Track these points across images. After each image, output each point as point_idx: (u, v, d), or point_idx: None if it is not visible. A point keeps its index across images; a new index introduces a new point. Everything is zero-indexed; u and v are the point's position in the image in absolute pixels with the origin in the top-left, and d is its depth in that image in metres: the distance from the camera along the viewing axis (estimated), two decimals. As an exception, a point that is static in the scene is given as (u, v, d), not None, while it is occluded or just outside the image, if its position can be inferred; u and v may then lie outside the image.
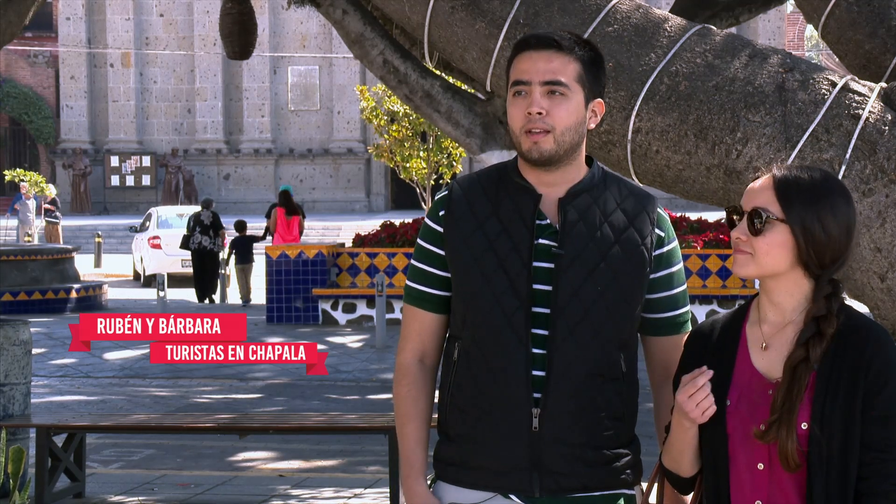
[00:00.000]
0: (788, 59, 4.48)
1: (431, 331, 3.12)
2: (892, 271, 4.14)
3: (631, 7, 4.69)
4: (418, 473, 3.09)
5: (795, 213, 2.75)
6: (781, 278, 2.80)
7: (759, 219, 2.77)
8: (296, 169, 45.27)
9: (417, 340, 3.13)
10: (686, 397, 2.71)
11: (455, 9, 4.86)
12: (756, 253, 2.78)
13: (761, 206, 2.78)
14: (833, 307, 2.77)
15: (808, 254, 2.76)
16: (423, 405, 3.12)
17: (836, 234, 2.76)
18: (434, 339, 3.13)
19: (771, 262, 2.78)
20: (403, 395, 3.13)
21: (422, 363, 3.13)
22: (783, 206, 2.76)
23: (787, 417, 2.70)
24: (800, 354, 2.74)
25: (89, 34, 45.67)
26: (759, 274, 2.80)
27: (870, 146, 4.20)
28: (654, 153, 4.51)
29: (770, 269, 2.79)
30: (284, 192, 23.20)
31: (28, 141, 48.89)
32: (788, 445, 2.70)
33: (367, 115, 27.06)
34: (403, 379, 3.13)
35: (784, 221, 2.76)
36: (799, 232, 2.75)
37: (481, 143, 6.65)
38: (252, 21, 8.11)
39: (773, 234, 2.77)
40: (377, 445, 9.50)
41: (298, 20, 44.49)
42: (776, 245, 2.77)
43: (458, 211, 3.06)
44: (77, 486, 8.14)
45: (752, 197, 2.81)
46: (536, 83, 2.98)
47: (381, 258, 18.16)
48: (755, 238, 2.78)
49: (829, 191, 2.78)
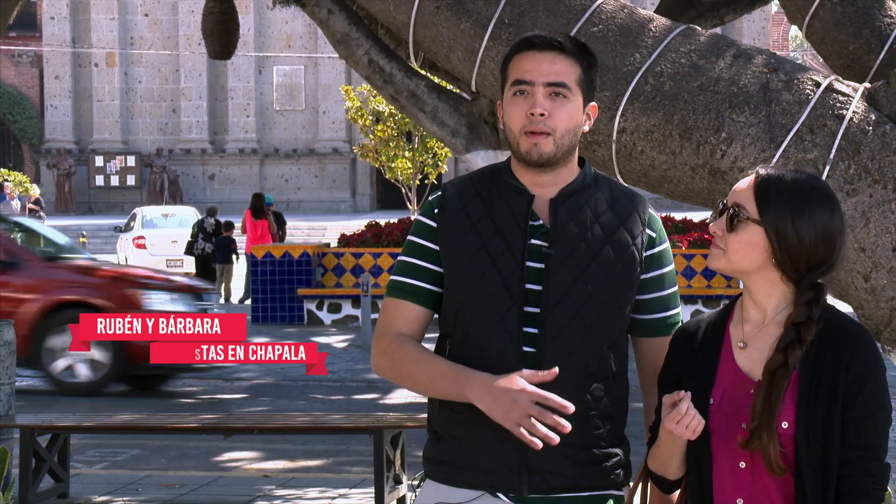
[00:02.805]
0: (773, 60, 4.49)
1: (416, 322, 3.07)
2: (876, 271, 4.15)
3: (616, 7, 4.69)
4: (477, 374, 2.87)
5: (769, 215, 2.76)
6: (756, 277, 2.81)
7: (735, 216, 2.79)
8: (281, 169, 45.24)
9: (404, 327, 3.05)
10: (673, 424, 2.73)
11: (440, 9, 4.86)
12: (727, 249, 2.80)
13: (739, 202, 2.80)
14: (814, 313, 2.76)
15: (781, 257, 2.77)
16: (428, 353, 3.01)
17: (809, 241, 2.75)
18: (419, 331, 3.07)
19: (739, 260, 2.80)
20: (404, 351, 3.00)
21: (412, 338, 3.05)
22: (759, 207, 2.78)
23: (766, 422, 2.72)
24: (778, 360, 2.75)
25: (73, 34, 45.57)
26: (729, 269, 2.83)
27: (854, 146, 4.21)
28: (639, 153, 4.51)
29: (739, 266, 2.81)
30: (256, 194, 23.34)
31: (12, 141, 48.76)
32: (772, 450, 2.71)
33: (352, 115, 27.07)
34: (398, 341, 3.02)
35: (757, 222, 2.77)
36: (772, 234, 2.76)
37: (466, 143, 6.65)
38: (234, 21, 8.10)
39: (745, 232, 2.78)
40: (362, 445, 9.48)
41: (283, 20, 44.45)
42: (746, 244, 2.78)
43: (451, 211, 3.06)
44: (61, 486, 8.12)
45: (735, 194, 2.84)
46: (540, 84, 2.98)
47: (367, 258, 18.16)
48: (729, 234, 2.80)
49: (809, 197, 2.77)
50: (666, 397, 2.77)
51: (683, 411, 2.71)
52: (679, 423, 2.72)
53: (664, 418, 2.76)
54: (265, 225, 22.40)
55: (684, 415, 2.71)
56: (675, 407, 2.73)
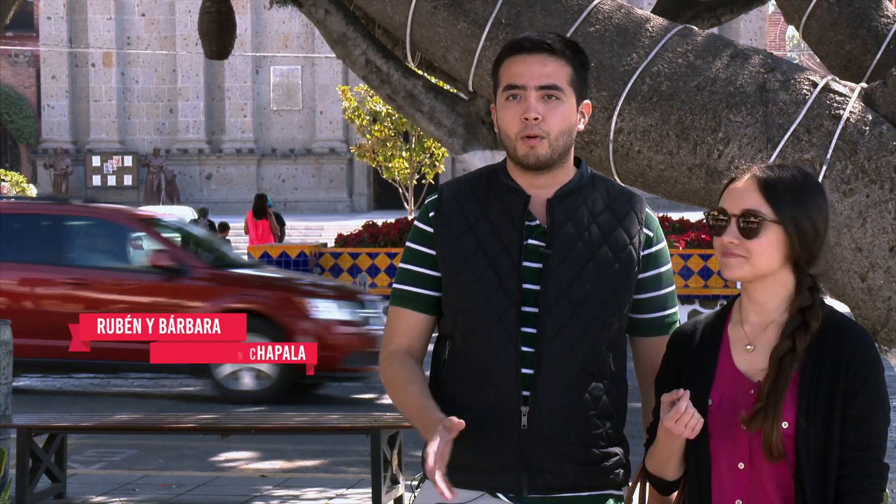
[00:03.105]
0: (770, 60, 4.49)
1: (419, 331, 3.10)
2: (873, 271, 4.15)
3: (613, 7, 4.69)
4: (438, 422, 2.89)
5: (786, 214, 2.80)
6: (769, 279, 2.84)
7: (752, 221, 2.80)
8: (278, 169, 45.21)
9: (404, 337, 3.10)
10: (672, 422, 2.73)
11: (437, 9, 4.86)
12: (751, 255, 2.81)
13: (751, 208, 2.80)
14: (816, 299, 2.82)
15: (799, 251, 2.81)
16: (418, 374, 3.04)
17: (822, 230, 2.84)
18: (421, 338, 3.11)
19: (765, 263, 2.82)
20: (395, 370, 3.06)
21: (409, 353, 3.09)
22: (773, 207, 2.80)
23: (772, 407, 2.73)
24: (787, 345, 2.78)
25: (70, 34, 45.52)
26: (751, 275, 2.84)
27: (850, 146, 4.22)
28: (636, 153, 4.51)
29: (763, 269, 2.82)
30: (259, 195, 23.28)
31: (9, 141, 48.72)
32: (773, 435, 2.72)
33: (349, 115, 27.08)
34: (392, 361, 3.07)
35: (776, 222, 2.80)
36: (793, 231, 2.80)
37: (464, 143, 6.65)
38: (231, 20, 8.08)
39: (767, 235, 2.80)
40: (360, 446, 9.48)
41: (280, 20, 44.42)
42: (770, 245, 2.81)
43: (448, 213, 3.06)
44: (58, 486, 8.11)
45: (737, 200, 2.83)
46: (532, 88, 2.98)
47: (364, 258, 18.15)
48: (749, 241, 2.81)
49: (810, 188, 2.85)
50: (664, 396, 2.78)
51: (682, 409, 2.72)
52: (678, 422, 2.73)
53: (663, 417, 2.77)
54: (266, 225, 22.39)
55: (683, 413, 2.72)
56: (675, 405, 2.74)
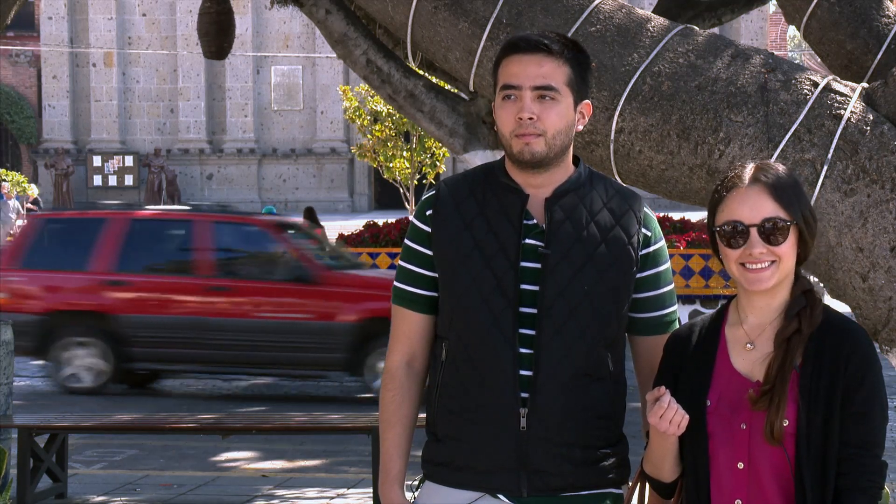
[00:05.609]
0: (771, 60, 4.49)
1: (420, 332, 3.12)
2: (874, 271, 4.15)
3: (614, 7, 4.69)
4: (394, 480, 3.10)
5: (796, 212, 2.84)
6: (786, 280, 2.88)
7: (779, 228, 2.82)
8: (279, 169, 45.21)
9: (406, 343, 3.13)
10: (657, 419, 2.74)
11: (438, 9, 4.85)
12: (782, 260, 2.84)
13: (771, 216, 2.82)
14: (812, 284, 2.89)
15: (810, 245, 2.87)
16: (406, 411, 3.12)
17: (816, 220, 2.90)
18: (422, 340, 3.12)
19: (790, 266, 2.86)
20: (388, 399, 3.13)
21: (410, 367, 3.12)
22: (786, 210, 2.83)
23: (779, 388, 2.75)
24: (793, 326, 2.80)
25: (71, 34, 45.53)
26: (781, 280, 2.86)
27: (851, 146, 4.21)
28: (637, 153, 4.51)
29: (788, 272, 2.87)
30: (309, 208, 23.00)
31: (10, 141, 48.73)
32: (777, 416, 2.74)
33: (350, 114, 27.05)
34: (390, 383, 3.13)
35: (794, 223, 2.84)
36: (804, 228, 2.85)
37: (465, 143, 6.65)
38: (230, 21, 8.08)
39: (790, 238, 2.84)
40: (360, 445, 9.48)
41: (281, 20, 44.43)
42: (792, 247, 2.85)
43: (445, 211, 3.06)
44: (59, 486, 8.12)
45: (752, 208, 2.83)
46: (527, 88, 2.97)
47: (365, 258, 18.14)
48: (776, 247, 2.83)
49: (798, 180, 2.91)
50: (648, 394, 2.81)
51: (666, 405, 2.73)
52: (663, 418, 2.74)
53: (647, 413, 2.78)
54: None
55: (666, 409, 2.73)
56: (658, 401, 2.75)
